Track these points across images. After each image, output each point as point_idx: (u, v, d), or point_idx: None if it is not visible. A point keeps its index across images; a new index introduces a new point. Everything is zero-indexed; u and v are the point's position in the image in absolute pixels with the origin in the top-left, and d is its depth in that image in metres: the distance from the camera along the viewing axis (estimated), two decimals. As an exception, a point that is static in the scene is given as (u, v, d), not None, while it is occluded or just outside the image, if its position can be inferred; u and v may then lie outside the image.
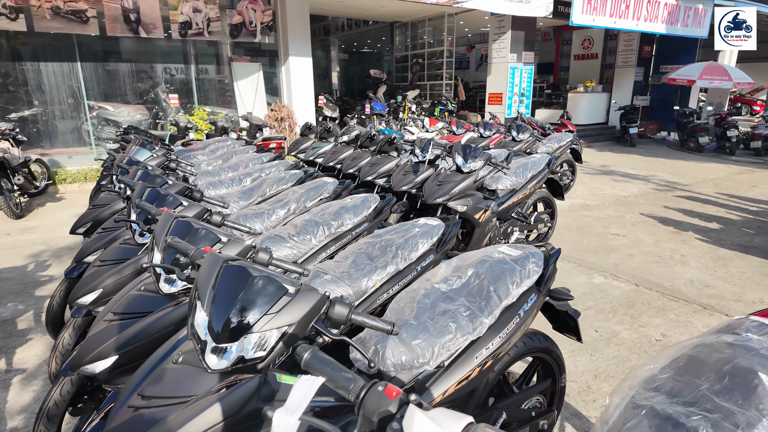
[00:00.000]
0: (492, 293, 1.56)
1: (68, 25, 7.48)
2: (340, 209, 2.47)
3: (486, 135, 6.80)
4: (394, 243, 2.02)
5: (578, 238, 5.18)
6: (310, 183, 3.08)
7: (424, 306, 1.52)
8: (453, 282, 1.62)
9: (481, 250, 1.83)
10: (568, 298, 1.83)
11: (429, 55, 14.95)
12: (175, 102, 8.79)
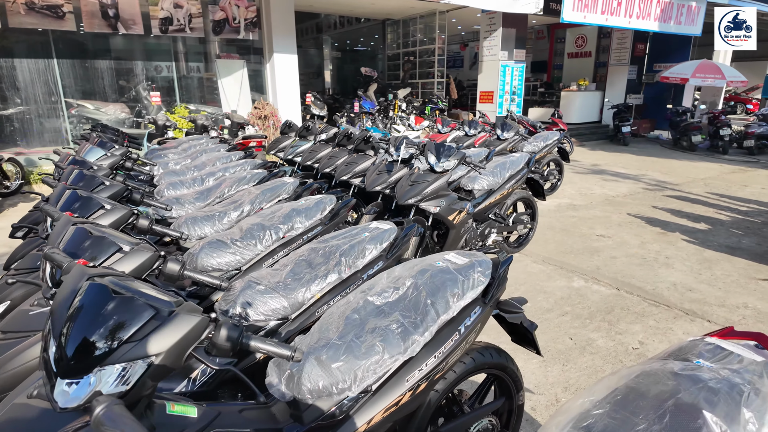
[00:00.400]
0: (429, 307, 1.40)
1: (43, 20, 7.29)
2: (291, 212, 2.31)
3: (471, 134, 6.64)
4: (339, 249, 1.87)
5: (562, 240, 5.03)
6: (268, 183, 2.92)
7: (353, 322, 1.37)
8: (389, 294, 1.46)
9: (425, 258, 1.67)
10: (517, 311, 1.67)
11: (421, 53, 14.79)
12: (156, 100, 8.61)
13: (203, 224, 2.52)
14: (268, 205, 2.72)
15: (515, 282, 3.90)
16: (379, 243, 1.94)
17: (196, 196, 3.09)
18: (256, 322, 1.65)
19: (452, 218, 3.62)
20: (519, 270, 4.16)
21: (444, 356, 1.39)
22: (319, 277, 1.76)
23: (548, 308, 3.44)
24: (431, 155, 3.60)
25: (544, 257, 4.49)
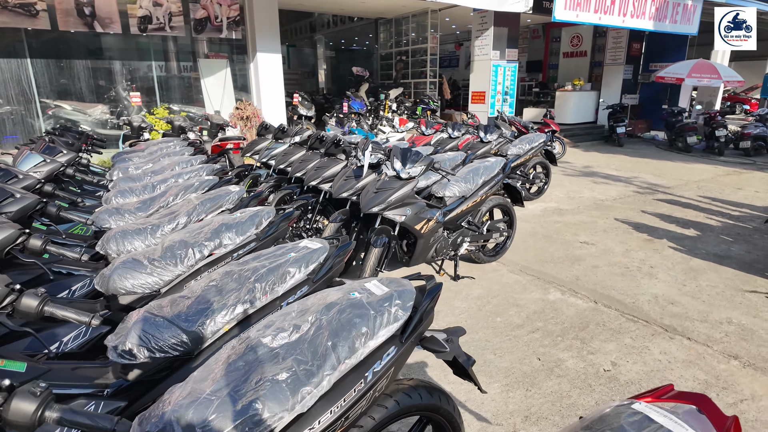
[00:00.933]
0: (330, 351, 1.20)
1: (15, 18, 7.08)
2: (221, 226, 2.10)
3: (455, 136, 6.43)
4: (255, 273, 1.66)
5: (543, 247, 4.82)
6: (211, 192, 2.71)
7: (237, 370, 1.16)
8: (288, 334, 1.26)
9: (339, 288, 1.46)
10: (442, 350, 1.47)
11: (413, 52, 14.57)
12: (137, 100, 8.41)
13: (133, 239, 2.31)
14: (208, 217, 2.51)
15: (488, 294, 3.70)
16: (305, 265, 1.73)
17: (138, 205, 2.88)
18: (150, 359, 1.45)
19: (420, 227, 3.42)
20: (494, 281, 3.96)
21: (343, 410, 1.18)
22: (228, 306, 1.56)
23: (519, 324, 3.24)
24: (397, 161, 3.39)
25: (521, 266, 4.28)
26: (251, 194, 2.84)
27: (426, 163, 3.41)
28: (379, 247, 3.24)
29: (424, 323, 1.42)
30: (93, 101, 8.30)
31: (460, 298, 3.64)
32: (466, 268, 4.21)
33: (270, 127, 6.19)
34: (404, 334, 1.36)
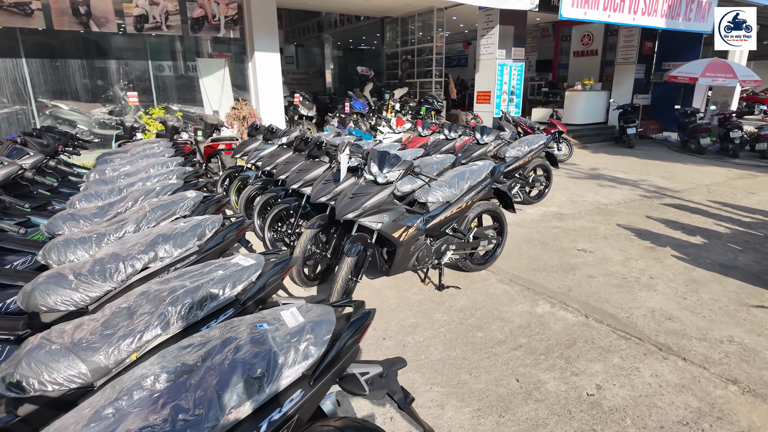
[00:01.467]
0: (215, 397, 1.02)
1: (10, 18, 7.05)
2: (158, 237, 1.94)
3: (451, 137, 6.22)
4: (174, 293, 1.49)
5: (537, 254, 4.59)
6: (165, 198, 2.55)
7: (104, 420, 0.99)
8: (172, 374, 1.08)
9: (245, 319, 1.28)
10: (360, 392, 1.27)
11: (419, 51, 14.35)
12: (134, 100, 8.34)
13: (76, 249, 2.16)
14: (160, 225, 2.36)
15: (472, 306, 3.49)
16: (231, 285, 1.56)
17: (95, 211, 2.74)
18: (42, 393, 1.29)
19: (398, 235, 3.22)
20: (480, 291, 3.75)
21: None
22: (136, 332, 1.39)
23: (501, 340, 3.03)
24: (373, 165, 3.21)
25: (512, 275, 4.07)
26: (209, 200, 2.68)
27: (404, 167, 3.22)
28: (353, 255, 3.06)
29: (342, 360, 1.23)
30: (89, 101, 8.25)
31: (442, 309, 3.44)
32: (453, 277, 4.01)
33: (260, 127, 6.05)
34: (314, 374, 1.17)
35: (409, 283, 3.89)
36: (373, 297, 3.64)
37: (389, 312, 3.40)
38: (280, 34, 21.48)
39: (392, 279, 3.92)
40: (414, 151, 4.94)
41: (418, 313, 3.39)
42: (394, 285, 3.85)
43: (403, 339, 3.03)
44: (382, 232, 3.18)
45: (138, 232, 2.12)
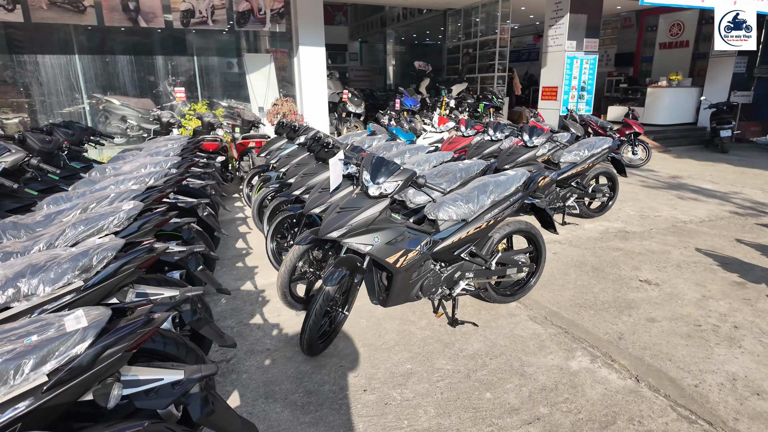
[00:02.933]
0: None
1: (64, 15, 7.24)
2: (27, 268, 1.51)
3: (496, 138, 5.46)
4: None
5: (587, 284, 3.77)
6: (99, 210, 2.16)
7: None
8: None
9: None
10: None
11: (481, 44, 13.44)
12: (181, 96, 8.34)
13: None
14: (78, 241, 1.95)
15: (488, 351, 2.81)
16: (34, 363, 1.06)
17: (40, 219, 2.41)
18: None
19: (394, 260, 2.63)
20: (502, 331, 3.05)
21: None
22: None
23: (514, 407, 2.34)
24: (366, 174, 2.63)
25: (549, 312, 3.31)
26: (149, 214, 2.24)
27: (403, 177, 2.60)
28: (333, 284, 2.51)
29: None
30: (138, 96, 8.36)
31: (448, 354, 2.79)
32: (472, 309, 3.34)
33: (287, 124, 5.66)
34: None
35: (418, 314, 3.27)
36: (370, 330, 3.07)
37: (383, 352, 2.81)
38: (345, 30, 21.40)
39: (398, 308, 3.32)
40: (441, 155, 4.28)
41: (418, 356, 2.77)
42: (399, 315, 3.25)
43: (388, 393, 2.44)
44: (372, 257, 2.60)
45: (29, 256, 1.72)
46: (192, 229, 2.92)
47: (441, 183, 3.38)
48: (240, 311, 3.32)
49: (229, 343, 2.07)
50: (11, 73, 7.33)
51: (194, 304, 1.92)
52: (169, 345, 1.69)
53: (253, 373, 2.60)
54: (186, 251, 2.28)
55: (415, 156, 4.39)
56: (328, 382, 2.52)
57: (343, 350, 2.83)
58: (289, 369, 2.63)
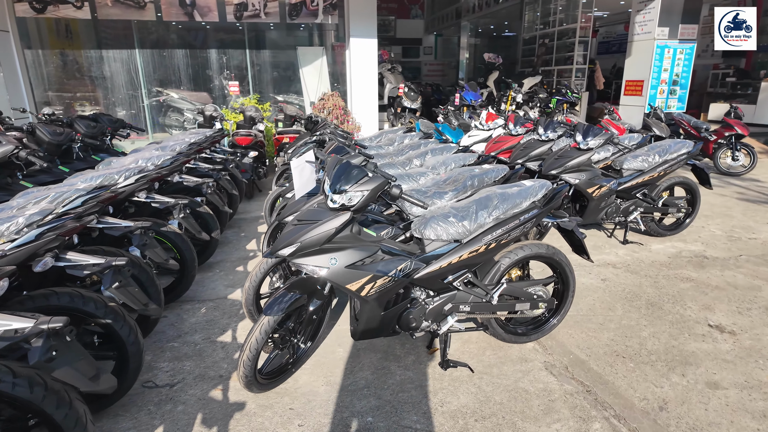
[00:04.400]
0: None
1: (127, 11, 7.51)
2: None
3: (546, 138, 4.69)
4: None
5: (634, 324, 3.00)
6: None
7: None
8: None
9: None
10: None
11: (559, 34, 12.26)
12: (234, 89, 8.39)
13: None
14: None
15: (475, 409, 2.23)
16: None
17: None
18: None
19: (358, 288, 2.14)
20: (502, 382, 2.43)
21: None
22: None
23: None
24: (327, 181, 2.16)
25: (573, 359, 2.63)
26: (55, 223, 1.97)
27: (371, 186, 2.09)
28: (274, 314, 2.08)
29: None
30: (194, 89, 8.54)
31: (425, 407, 2.25)
32: (477, 347, 2.75)
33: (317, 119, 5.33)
34: None
35: (408, 347, 2.75)
36: (344, 363, 2.61)
37: (346, 395, 2.34)
38: (420, 24, 20.88)
39: (382, 339, 2.82)
40: (463, 157, 3.68)
41: (386, 406, 2.26)
42: (385, 347, 2.76)
43: (329, 454, 1.97)
44: (330, 282, 2.13)
45: None
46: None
47: (445, 192, 2.81)
48: (213, 325, 3.02)
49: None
50: (81, 67, 7.77)
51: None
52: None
53: (191, 406, 2.25)
54: (104, 264, 2.00)
55: (437, 157, 3.83)
56: (264, 430, 2.10)
57: (301, 387, 2.40)
58: (230, 407, 2.25)
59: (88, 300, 1.97)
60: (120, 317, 2.04)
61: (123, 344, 2.05)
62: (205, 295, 3.44)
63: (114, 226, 2.44)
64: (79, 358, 1.55)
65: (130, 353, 2.07)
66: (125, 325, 2.05)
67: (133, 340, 2.08)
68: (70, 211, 2.15)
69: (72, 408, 1.54)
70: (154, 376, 2.49)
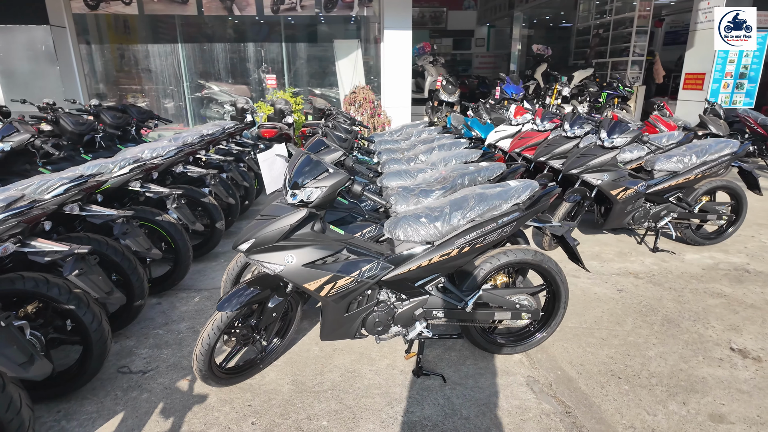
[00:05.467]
0: None
1: (170, 6, 7.82)
2: None
3: (572, 134, 4.37)
4: None
5: (642, 342, 2.72)
6: None
7: None
8: None
9: None
10: None
11: (615, 24, 11.49)
12: (271, 82, 8.54)
13: None
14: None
15: (437, 424, 2.10)
16: None
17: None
18: None
19: (317, 288, 2.07)
20: (476, 397, 2.27)
21: None
22: None
23: None
24: (288, 176, 2.08)
25: (561, 376, 2.41)
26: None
27: (330, 182, 2.00)
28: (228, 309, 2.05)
29: None
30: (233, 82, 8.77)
31: (384, 416, 2.15)
32: (458, 355, 2.60)
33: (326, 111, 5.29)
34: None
35: (386, 350, 2.65)
36: (316, 362, 2.55)
37: (309, 396, 2.27)
38: (473, 15, 20.35)
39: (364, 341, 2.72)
40: (468, 153, 3.48)
41: (345, 411, 2.18)
42: (361, 348, 2.67)
43: (271, 457, 1.92)
44: (287, 280, 2.07)
45: None
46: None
47: (432, 190, 2.67)
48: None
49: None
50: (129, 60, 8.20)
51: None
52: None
53: (155, 395, 2.28)
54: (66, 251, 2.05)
55: (442, 153, 3.66)
56: (218, 424, 2.08)
57: (266, 384, 2.36)
58: (191, 399, 2.26)
59: (52, 285, 2.03)
60: (84, 304, 2.09)
61: (86, 330, 2.10)
62: (203, 284, 3.49)
63: (96, 214, 2.51)
64: (10, 344, 1.58)
65: (93, 340, 2.12)
66: (89, 312, 2.10)
67: (96, 327, 2.12)
68: (44, 200, 2.23)
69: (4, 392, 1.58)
70: (131, 362, 2.55)
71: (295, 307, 2.48)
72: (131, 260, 2.60)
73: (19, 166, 3.41)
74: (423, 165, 3.42)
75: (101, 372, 2.38)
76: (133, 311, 2.71)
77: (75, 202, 2.44)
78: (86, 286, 2.08)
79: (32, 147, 3.35)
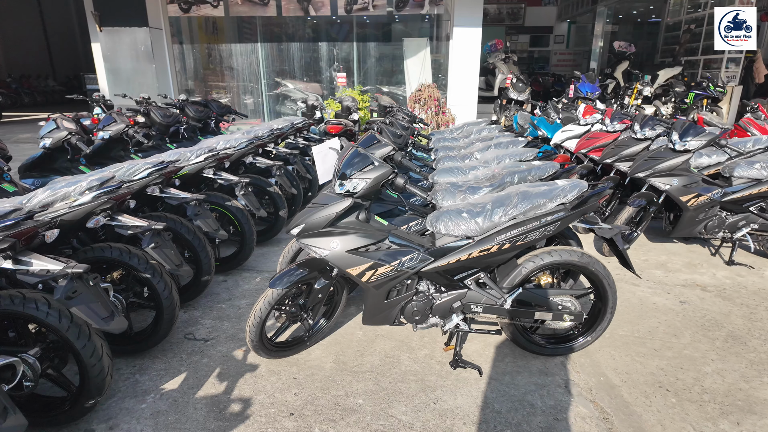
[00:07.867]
0: None
1: (253, 8, 8.35)
2: None
3: (642, 136, 4.15)
4: None
5: (700, 357, 2.58)
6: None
7: None
8: None
9: None
10: None
11: (709, 18, 10.55)
12: (342, 81, 8.85)
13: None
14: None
15: (468, 414, 2.15)
16: None
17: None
18: None
19: (359, 273, 2.20)
20: (511, 393, 2.29)
21: None
22: None
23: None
24: (337, 168, 2.22)
25: (603, 382, 2.35)
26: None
27: (374, 175, 2.11)
28: (278, 287, 2.24)
29: None
30: (307, 81, 9.19)
31: (417, 401, 2.23)
32: (496, 351, 2.62)
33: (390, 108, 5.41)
34: None
35: (426, 340, 2.73)
36: (358, 345, 2.69)
37: (348, 375, 2.42)
38: (553, 11, 19.61)
39: (403, 328, 2.82)
40: (523, 152, 3.43)
41: (380, 392, 2.29)
42: (402, 336, 2.77)
43: (310, 426, 2.08)
44: (332, 264, 2.22)
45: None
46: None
47: (480, 187, 2.70)
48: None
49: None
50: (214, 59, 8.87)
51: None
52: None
53: (214, 361, 2.54)
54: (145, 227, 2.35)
55: (498, 150, 3.66)
56: (265, 392, 2.29)
57: (311, 360, 2.54)
58: (244, 367, 2.49)
59: (132, 255, 2.34)
60: (158, 273, 2.38)
61: (159, 297, 2.39)
62: (264, 266, 3.77)
63: (173, 196, 2.83)
64: (96, 300, 1.86)
65: (164, 306, 2.40)
66: (161, 281, 2.38)
67: (167, 295, 2.40)
68: (130, 181, 2.56)
69: (90, 340, 1.87)
70: (196, 330, 2.84)
71: (341, 291, 2.64)
72: (201, 239, 2.88)
73: (115, 152, 3.88)
74: (476, 162, 3.45)
75: (170, 336, 2.68)
76: (201, 285, 3.00)
77: (156, 185, 2.77)
78: (160, 258, 2.37)
79: (126, 136, 3.81)
